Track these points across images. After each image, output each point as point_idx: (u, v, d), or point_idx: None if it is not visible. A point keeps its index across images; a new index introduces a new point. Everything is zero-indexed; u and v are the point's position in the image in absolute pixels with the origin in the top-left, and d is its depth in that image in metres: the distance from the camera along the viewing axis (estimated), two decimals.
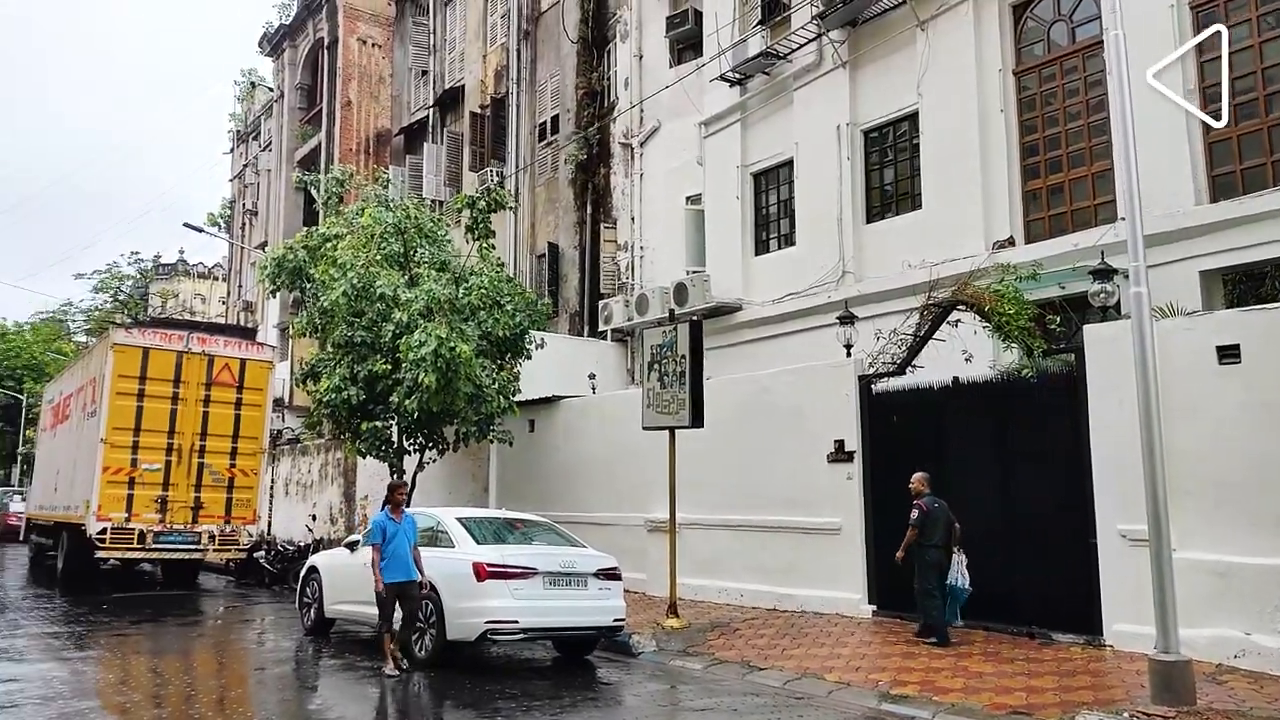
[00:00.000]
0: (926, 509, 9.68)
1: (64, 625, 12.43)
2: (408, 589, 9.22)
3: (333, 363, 15.04)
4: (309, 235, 16.68)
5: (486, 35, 23.55)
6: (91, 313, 53.63)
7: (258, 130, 34.94)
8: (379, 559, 9.19)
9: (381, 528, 9.30)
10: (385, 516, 9.41)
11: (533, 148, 21.72)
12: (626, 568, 10.68)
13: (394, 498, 9.60)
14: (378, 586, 9.14)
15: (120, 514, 15.43)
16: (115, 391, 15.79)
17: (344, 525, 20.25)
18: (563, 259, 20.36)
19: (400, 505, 9.57)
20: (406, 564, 9.20)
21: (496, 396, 14.47)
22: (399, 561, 9.17)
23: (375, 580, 9.16)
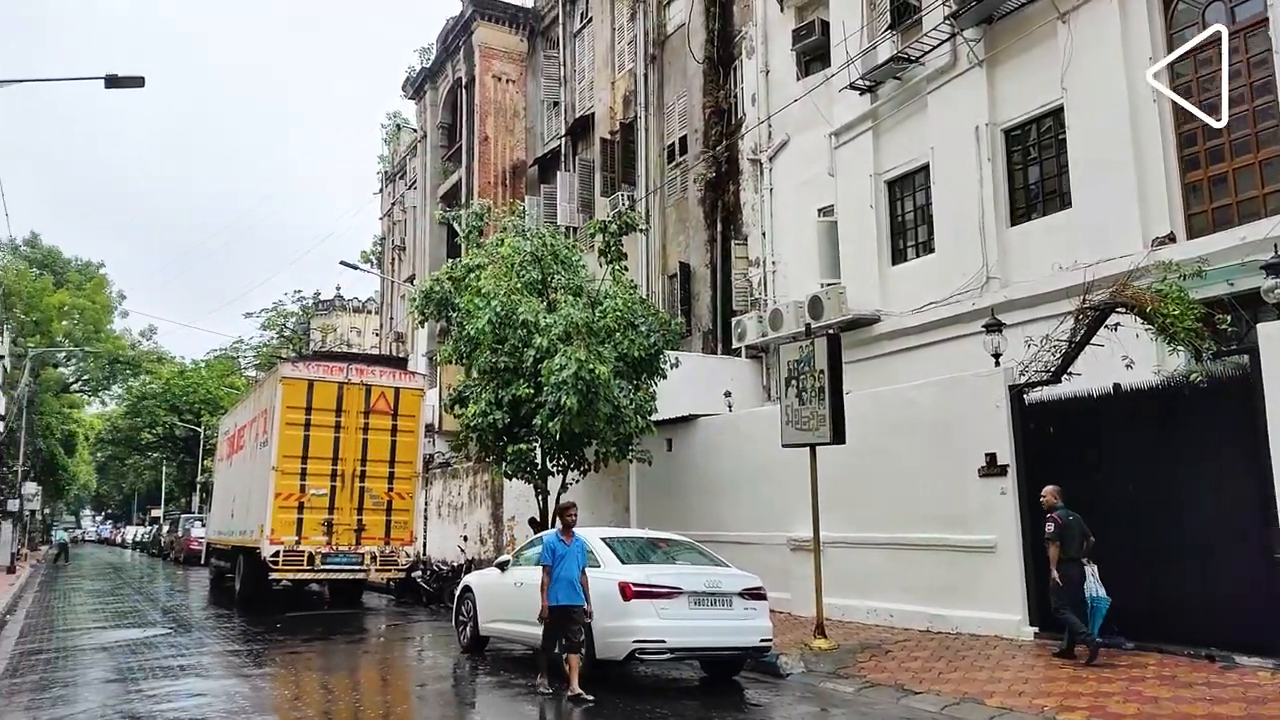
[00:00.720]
0: (1062, 522, 9.30)
1: (243, 643, 13.28)
2: (572, 613, 8.99)
3: (478, 388, 15.55)
4: (453, 267, 17.32)
5: (614, 63, 24.01)
6: (260, 349, 57.37)
7: (404, 170, 36.69)
8: (549, 581, 9.03)
9: (551, 549, 9.14)
10: (556, 538, 9.25)
11: (662, 169, 21.96)
12: (770, 587, 10.56)
13: (565, 519, 9.44)
14: (543, 611, 9.04)
15: (291, 537, 16.34)
16: (284, 422, 16.75)
17: (493, 546, 20.87)
18: (694, 278, 20.45)
19: (571, 527, 9.38)
20: (573, 587, 9.02)
21: (634, 416, 14.64)
22: (565, 584, 9.01)
23: (542, 605, 9.04)
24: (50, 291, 51.14)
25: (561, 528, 9.39)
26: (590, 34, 25.49)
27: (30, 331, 47.92)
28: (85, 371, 58.50)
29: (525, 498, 18.72)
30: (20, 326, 47.12)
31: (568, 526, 9.37)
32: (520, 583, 11.34)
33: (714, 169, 19.97)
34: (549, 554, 9.11)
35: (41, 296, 49.79)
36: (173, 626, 15.49)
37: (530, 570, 11.39)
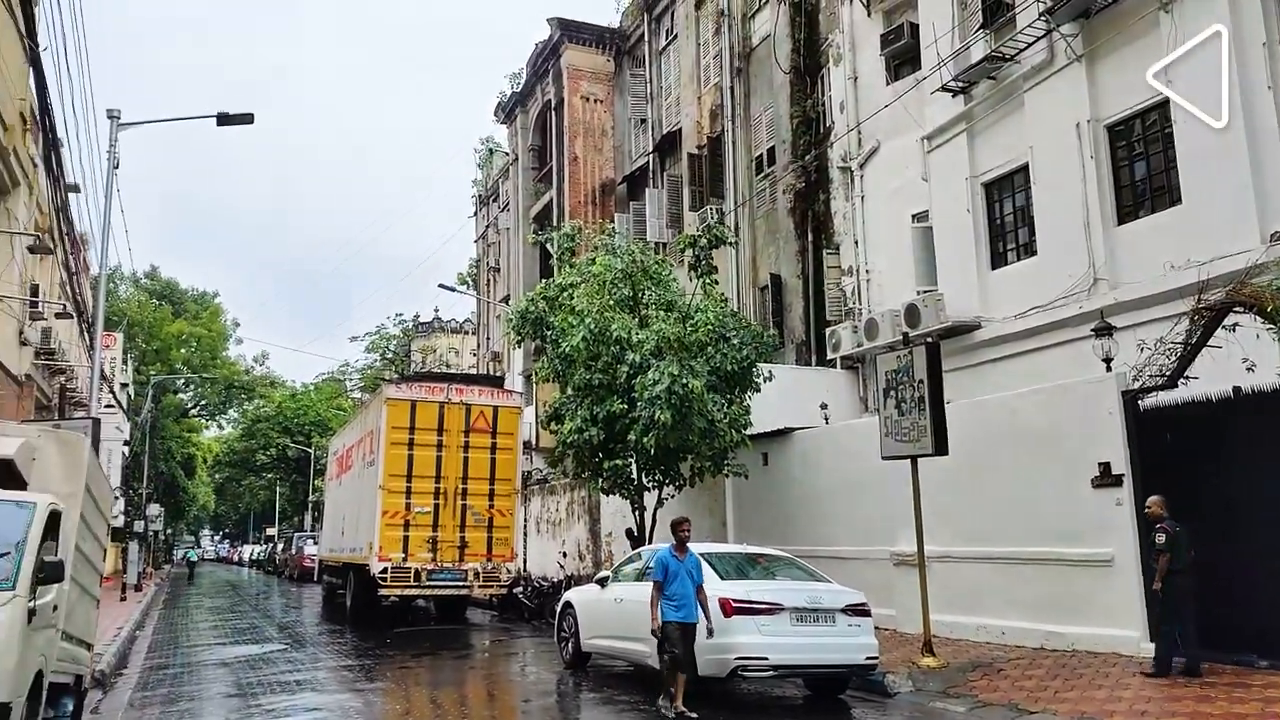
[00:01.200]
0: (1171, 533, 8.94)
1: (355, 658, 13.68)
2: (689, 631, 8.79)
3: (574, 405, 15.72)
4: (547, 286, 17.58)
5: (700, 77, 24.09)
6: (364, 371, 59.28)
7: (497, 193, 37.46)
8: (659, 597, 8.86)
9: (664, 565, 8.96)
10: (669, 553, 9.06)
11: (750, 181, 21.89)
12: (874, 604, 10.34)
13: (677, 534, 9.22)
14: (654, 626, 8.87)
15: (398, 554, 16.77)
16: (389, 442, 17.23)
17: (591, 561, 21.01)
18: (785, 289, 20.29)
19: (684, 542, 9.18)
20: (689, 604, 8.82)
21: (729, 430, 14.59)
22: (681, 601, 8.81)
23: (652, 619, 8.89)
24: (169, 321, 53.95)
25: (675, 544, 9.19)
26: (676, 50, 25.64)
27: (151, 359, 50.60)
28: (203, 396, 61.44)
29: (622, 513, 18.82)
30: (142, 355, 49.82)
31: (681, 542, 9.17)
32: (620, 599, 11.39)
33: (803, 179, 19.81)
34: (661, 570, 8.94)
35: (161, 326, 52.57)
36: (289, 642, 16.07)
37: (630, 586, 11.45)
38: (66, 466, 8.34)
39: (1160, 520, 9.16)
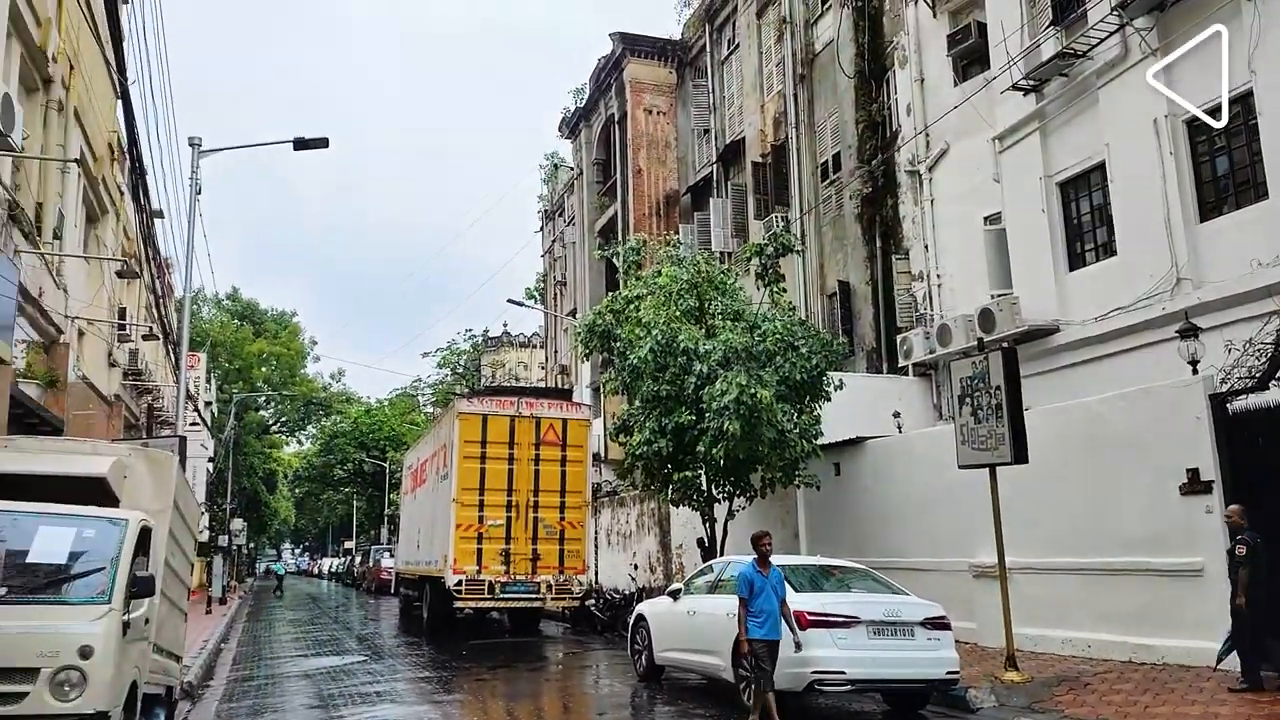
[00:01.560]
0: (1252, 544, 8.64)
1: (432, 670, 13.87)
2: (773, 647, 8.52)
3: (642, 417, 15.73)
4: (614, 299, 17.66)
5: (763, 86, 24.01)
6: (436, 386, 60.29)
7: (562, 207, 37.83)
8: (745, 615, 8.54)
9: (749, 581, 8.62)
10: (752, 569, 8.72)
11: (815, 188, 21.70)
12: (953, 617, 10.12)
13: (759, 548, 8.88)
14: (743, 647, 8.54)
15: (472, 567, 16.96)
16: (462, 455, 17.47)
17: (662, 573, 20.97)
18: (854, 296, 20.04)
19: (766, 556, 8.86)
20: (774, 620, 8.54)
21: (799, 440, 14.44)
22: (767, 618, 8.51)
23: (740, 639, 8.56)
24: (250, 341, 55.67)
25: (757, 558, 8.85)
26: (738, 60, 25.61)
27: (234, 378, 52.23)
28: (283, 413, 63.18)
29: (692, 525, 18.74)
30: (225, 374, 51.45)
31: (763, 556, 8.84)
32: (693, 611, 11.36)
33: (870, 184, 19.57)
34: (745, 586, 8.61)
35: (243, 346, 54.26)
36: (367, 654, 16.37)
37: (702, 599, 11.42)
38: (156, 484, 8.64)
39: (1241, 531, 8.86)
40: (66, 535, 7.00)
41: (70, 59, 13.85)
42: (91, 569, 6.93)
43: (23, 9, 11.62)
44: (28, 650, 6.19)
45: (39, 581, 6.77)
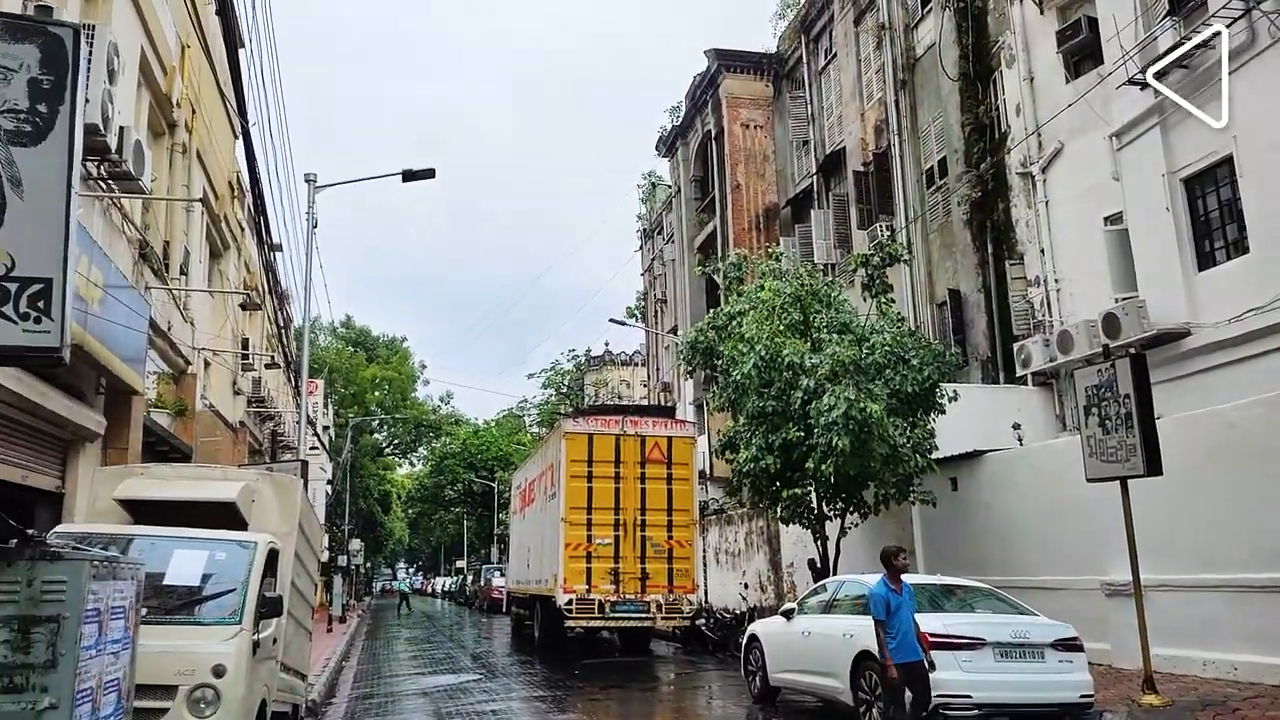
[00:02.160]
0: None
1: (546, 689, 13.94)
2: (916, 669, 8.09)
3: (748, 433, 15.54)
4: (715, 316, 17.55)
5: (863, 93, 23.61)
6: (541, 406, 61.14)
7: (661, 225, 37.98)
8: (885, 637, 8.02)
9: (884, 600, 8.10)
10: (885, 588, 8.22)
11: (921, 195, 21.17)
12: (1085, 637, 9.62)
13: (894, 565, 8.33)
14: (890, 673, 7.96)
15: (582, 586, 17.02)
16: (569, 475, 17.59)
17: (773, 593, 20.63)
18: (966, 304, 19.40)
19: (900, 573, 8.36)
20: (910, 641, 8.09)
21: (913, 455, 14.04)
22: (903, 638, 8.04)
23: (886, 665, 7.98)
24: (364, 366, 57.58)
25: (890, 575, 8.33)
26: (836, 69, 25.27)
27: (349, 403, 54.06)
28: (395, 436, 65.06)
29: (803, 543, 18.40)
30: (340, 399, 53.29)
31: (897, 573, 8.32)
32: (808, 632, 11.14)
33: (979, 188, 18.96)
34: (881, 606, 8.08)
35: (357, 371, 56.17)
36: (482, 672, 16.59)
37: (816, 619, 11.19)
38: (282, 507, 8.95)
39: None
40: (200, 558, 7.30)
41: (192, 103, 14.61)
42: (223, 590, 7.20)
43: (150, 59, 12.32)
44: (166, 668, 6.44)
45: (175, 602, 7.06)
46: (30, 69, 3.16)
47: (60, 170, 3.17)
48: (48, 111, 3.17)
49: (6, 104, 3.13)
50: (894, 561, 8.40)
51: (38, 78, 3.16)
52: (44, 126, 3.16)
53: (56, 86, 3.18)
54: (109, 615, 4.51)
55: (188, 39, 14.25)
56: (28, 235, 3.07)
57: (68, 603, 3.95)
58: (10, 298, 3.04)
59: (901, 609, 8.14)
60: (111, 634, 4.60)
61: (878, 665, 9.48)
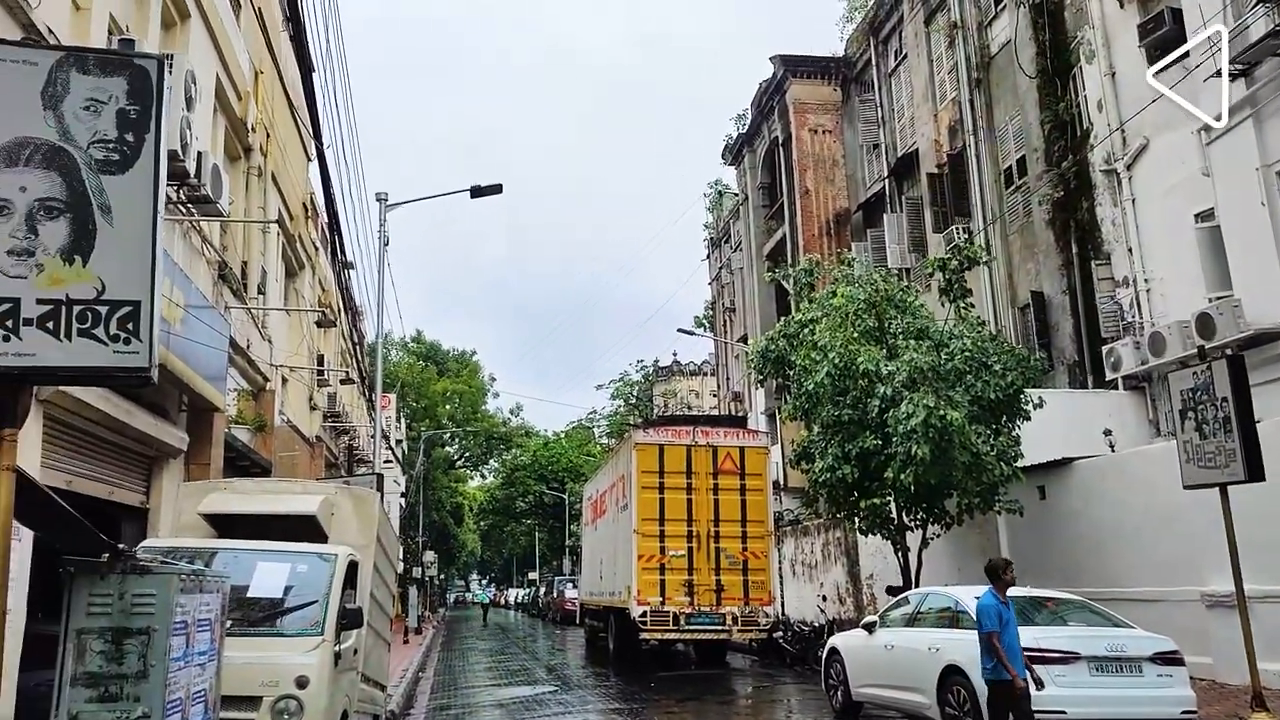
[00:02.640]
0: None
1: (622, 702, 13.80)
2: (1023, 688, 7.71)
3: (823, 443, 15.26)
4: (786, 323, 17.31)
5: (935, 94, 23.13)
6: (610, 417, 61.27)
7: (728, 234, 37.77)
8: (1001, 650, 7.59)
9: (997, 611, 7.75)
10: (996, 598, 7.88)
11: (999, 196, 20.60)
12: (1185, 650, 9.18)
13: (1003, 578, 8.01)
14: (1017, 684, 7.54)
15: (656, 598, 16.87)
16: (640, 486, 17.49)
17: (852, 605, 20.20)
18: (1050, 307, 18.78)
19: (1009, 587, 8.02)
20: (1020, 657, 7.73)
21: (997, 463, 13.59)
22: (1012, 655, 7.66)
23: (1013, 679, 7.54)
24: (435, 380, 58.45)
25: (999, 587, 8.01)
26: (906, 70, 24.81)
27: (420, 416, 54.91)
28: (467, 449, 65.85)
29: (883, 554, 17.99)
30: (413, 413, 54.15)
31: (1005, 587, 8.00)
32: (891, 645, 10.89)
33: (1061, 187, 18.36)
34: (994, 618, 7.71)
35: (428, 385, 57.03)
36: (557, 684, 16.53)
37: (900, 632, 10.91)
38: (360, 520, 9.02)
39: None
40: (282, 570, 7.37)
41: (266, 127, 14.96)
42: (305, 602, 7.25)
43: (225, 85, 12.65)
44: (251, 680, 6.50)
45: (258, 614, 7.13)
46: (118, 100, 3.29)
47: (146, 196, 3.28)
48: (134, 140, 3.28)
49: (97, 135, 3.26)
50: (1004, 574, 8.07)
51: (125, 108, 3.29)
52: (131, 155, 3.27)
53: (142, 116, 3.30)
54: (196, 627, 4.54)
55: (260, 64, 14.61)
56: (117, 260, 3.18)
57: (157, 615, 4.01)
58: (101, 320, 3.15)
59: (1011, 624, 7.81)
60: (198, 645, 4.64)
61: (966, 680, 9.21)
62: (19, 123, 3.24)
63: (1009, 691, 7.61)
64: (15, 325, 3.12)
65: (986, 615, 7.77)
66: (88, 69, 3.36)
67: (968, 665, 9.24)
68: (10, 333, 3.12)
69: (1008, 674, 7.56)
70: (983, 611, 7.85)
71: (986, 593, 8.08)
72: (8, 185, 3.18)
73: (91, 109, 3.28)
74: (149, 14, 10.13)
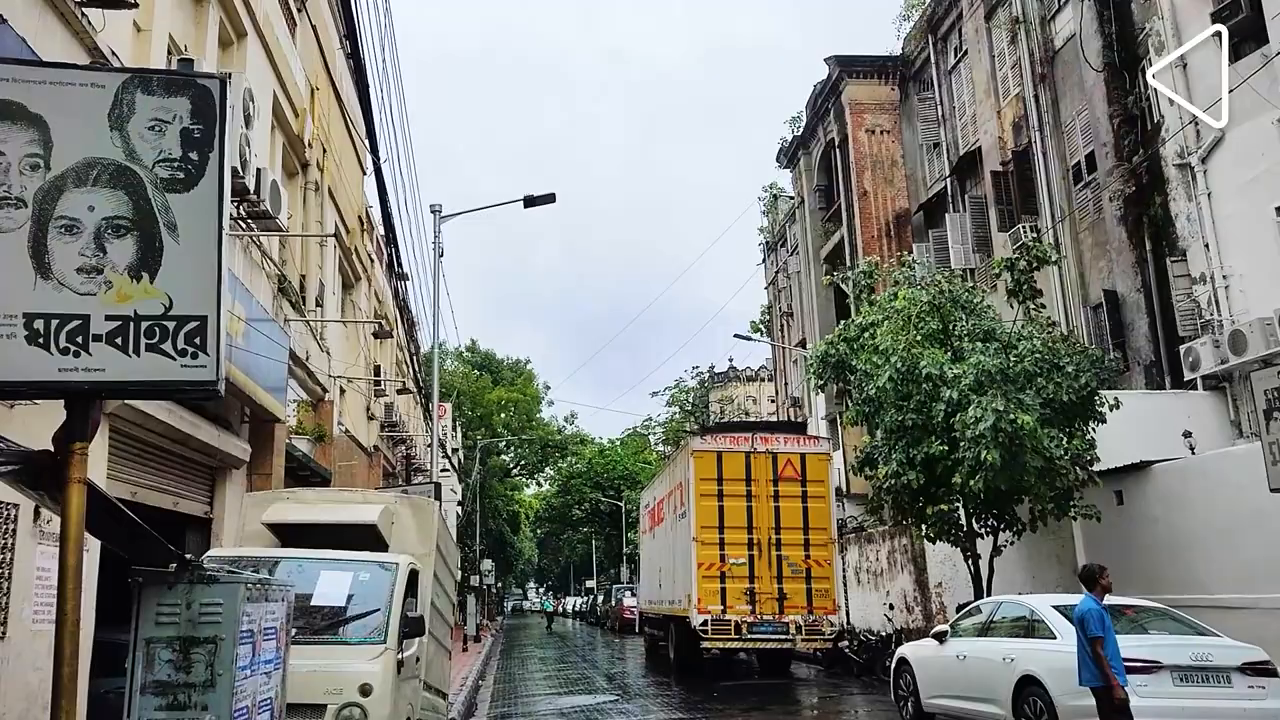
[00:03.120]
0: None
1: (684, 711, 13.61)
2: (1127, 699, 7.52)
3: (887, 448, 14.94)
4: (846, 327, 17.01)
5: (997, 90, 22.60)
6: (666, 424, 61.09)
7: (784, 237, 37.39)
8: (1104, 658, 7.41)
9: (1100, 616, 7.54)
10: (1097, 604, 7.67)
11: (1068, 193, 20.01)
12: (1276, 661, 8.71)
13: (1101, 582, 7.86)
14: (1118, 694, 7.37)
15: (717, 607, 16.66)
16: (699, 493, 17.31)
17: (920, 614, 19.73)
18: (1124, 305, 18.16)
19: (1105, 593, 7.87)
20: (1120, 666, 7.53)
21: (1071, 467, 13.16)
22: (1115, 663, 7.48)
23: (1113, 687, 7.37)
24: (489, 389, 58.82)
25: (1099, 592, 7.84)
26: (967, 67, 24.30)
27: (476, 425, 55.29)
28: (522, 457, 66.15)
29: (952, 561, 17.53)
30: (468, 421, 54.55)
31: (1104, 591, 7.85)
32: (963, 655, 10.64)
33: (1133, 182, 17.76)
34: (1098, 623, 7.49)
35: (483, 394, 57.42)
36: (618, 693, 16.39)
37: (972, 641, 10.64)
38: (420, 528, 8.99)
39: None
40: (345, 579, 7.35)
41: (323, 143, 15.14)
42: (367, 611, 7.22)
43: (282, 102, 12.80)
44: (316, 688, 6.48)
45: (321, 623, 7.12)
46: (182, 120, 3.38)
47: (211, 213, 3.35)
48: (198, 159, 3.36)
49: (162, 154, 3.34)
50: (1100, 580, 7.86)
51: (189, 128, 3.37)
52: (195, 174, 3.35)
53: (205, 135, 3.39)
54: (262, 636, 4.51)
55: (316, 80, 14.79)
56: (183, 276, 3.26)
57: (224, 624, 4.01)
58: (168, 335, 3.22)
59: (1110, 631, 7.57)
60: (264, 654, 4.60)
61: (1043, 691, 8.94)
62: (87, 144, 3.31)
63: (1108, 700, 7.35)
64: (85, 341, 3.18)
65: (1090, 621, 7.50)
66: (152, 90, 3.42)
67: (1044, 675, 9.03)
68: (80, 349, 3.18)
69: (1108, 682, 7.31)
70: (1086, 617, 7.55)
71: (1086, 598, 7.82)
72: (77, 205, 3.25)
73: (156, 129, 3.36)
74: (206, 34, 10.28)
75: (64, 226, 3.23)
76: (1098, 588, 7.81)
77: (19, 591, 6.29)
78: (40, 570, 6.55)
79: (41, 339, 3.15)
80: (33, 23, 6.19)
